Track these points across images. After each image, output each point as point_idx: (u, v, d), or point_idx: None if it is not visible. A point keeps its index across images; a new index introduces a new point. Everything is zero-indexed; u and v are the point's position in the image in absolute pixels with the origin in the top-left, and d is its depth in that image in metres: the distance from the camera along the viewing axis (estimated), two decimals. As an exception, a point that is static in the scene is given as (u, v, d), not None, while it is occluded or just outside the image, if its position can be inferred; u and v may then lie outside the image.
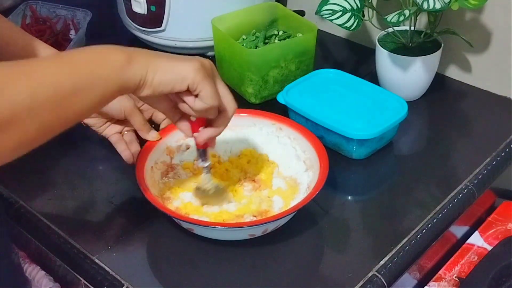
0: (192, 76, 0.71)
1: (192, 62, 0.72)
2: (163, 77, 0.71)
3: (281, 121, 0.95)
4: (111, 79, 0.69)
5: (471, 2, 0.99)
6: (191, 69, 0.71)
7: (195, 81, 0.72)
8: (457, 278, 0.92)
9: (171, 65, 0.72)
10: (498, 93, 1.14)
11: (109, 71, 0.69)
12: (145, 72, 0.70)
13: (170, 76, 0.71)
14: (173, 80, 0.72)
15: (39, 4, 1.28)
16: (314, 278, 0.82)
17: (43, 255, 0.90)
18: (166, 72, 0.71)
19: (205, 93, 0.73)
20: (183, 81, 0.72)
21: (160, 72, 0.71)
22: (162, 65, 0.71)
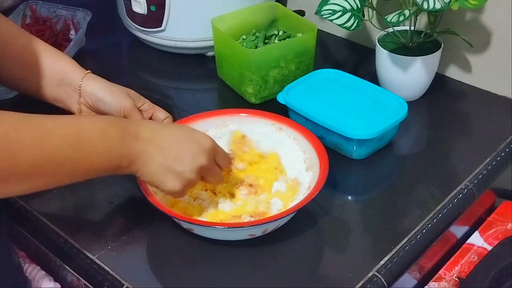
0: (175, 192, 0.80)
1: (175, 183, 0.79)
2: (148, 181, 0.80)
3: (281, 121, 0.95)
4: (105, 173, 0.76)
5: (471, 2, 0.99)
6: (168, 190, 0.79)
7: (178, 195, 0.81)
8: (457, 278, 0.92)
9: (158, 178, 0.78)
10: (498, 93, 1.14)
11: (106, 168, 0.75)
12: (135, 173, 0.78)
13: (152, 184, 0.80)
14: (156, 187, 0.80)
15: (39, 4, 1.28)
16: (314, 278, 0.82)
17: (43, 255, 0.90)
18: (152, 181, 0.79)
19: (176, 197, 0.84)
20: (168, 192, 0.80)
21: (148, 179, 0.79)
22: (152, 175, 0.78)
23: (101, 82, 0.94)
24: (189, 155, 0.79)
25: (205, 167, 0.80)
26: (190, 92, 1.21)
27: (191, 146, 0.80)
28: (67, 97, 0.95)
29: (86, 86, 0.94)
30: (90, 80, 0.94)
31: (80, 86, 0.93)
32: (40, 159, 0.68)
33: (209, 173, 0.82)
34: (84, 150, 0.72)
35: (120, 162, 0.75)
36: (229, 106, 1.01)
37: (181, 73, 1.23)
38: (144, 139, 0.77)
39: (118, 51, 1.33)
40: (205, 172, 0.81)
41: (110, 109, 0.93)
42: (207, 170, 0.81)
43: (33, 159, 0.67)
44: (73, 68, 0.94)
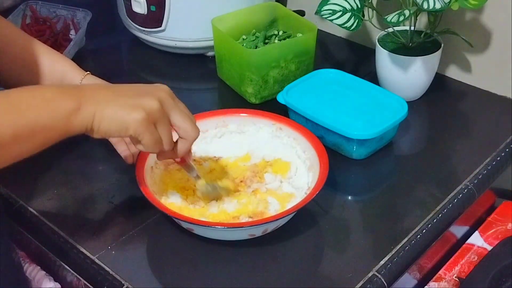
0: (134, 127, 0.73)
1: (137, 111, 0.72)
2: (108, 126, 0.73)
3: (281, 121, 0.95)
4: (55, 128, 0.71)
5: (471, 2, 0.99)
6: (134, 120, 0.72)
7: (137, 131, 0.73)
8: (457, 278, 0.92)
9: (117, 114, 0.72)
10: (498, 93, 1.14)
11: (54, 120, 0.70)
12: (91, 121, 0.72)
13: (114, 127, 0.73)
14: (117, 130, 0.73)
15: (39, 4, 1.28)
16: (314, 278, 0.82)
17: (43, 255, 0.90)
18: (111, 122, 0.72)
19: (145, 142, 0.74)
20: (126, 131, 0.73)
21: (106, 122, 0.72)
22: (108, 114, 0.72)
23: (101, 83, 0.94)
24: (146, 88, 0.76)
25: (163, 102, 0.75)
26: (190, 92, 1.21)
27: (148, 85, 0.78)
28: None
29: None
30: (90, 81, 0.94)
31: None
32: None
33: (161, 121, 0.75)
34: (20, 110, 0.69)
35: (66, 107, 0.70)
36: (229, 106, 1.01)
37: (181, 73, 1.23)
38: (92, 87, 0.75)
39: (118, 51, 1.33)
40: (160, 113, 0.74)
41: None
42: (162, 112, 0.74)
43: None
44: (72, 69, 0.94)
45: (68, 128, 0.71)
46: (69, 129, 0.72)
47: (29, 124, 0.69)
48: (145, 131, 0.73)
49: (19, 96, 0.71)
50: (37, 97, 0.71)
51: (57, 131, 0.71)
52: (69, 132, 0.72)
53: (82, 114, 0.71)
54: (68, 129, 0.72)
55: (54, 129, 0.71)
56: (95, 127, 0.72)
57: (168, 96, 0.76)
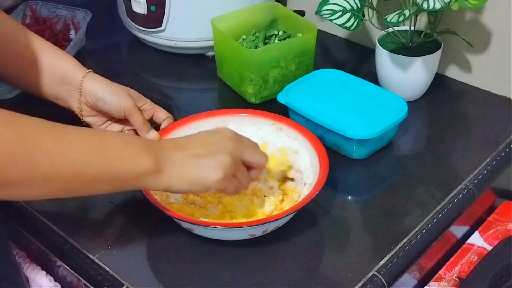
0: (215, 187, 0.76)
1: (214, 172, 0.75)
2: (189, 189, 0.76)
3: (281, 121, 0.95)
4: (132, 183, 0.73)
5: (471, 2, 0.99)
6: (213, 182, 0.76)
7: (219, 189, 0.77)
8: (457, 278, 0.92)
9: (196, 178, 0.75)
10: (498, 93, 1.14)
11: (132, 176, 0.72)
12: (169, 185, 0.75)
13: (195, 189, 0.76)
14: (199, 191, 0.78)
15: (39, 4, 1.28)
16: (314, 278, 0.82)
17: (43, 255, 0.90)
18: (192, 186, 0.76)
19: (229, 193, 0.79)
20: (208, 191, 0.77)
21: (186, 185, 0.75)
22: (187, 179, 0.75)
23: (102, 81, 0.94)
24: (214, 141, 0.77)
25: (233, 153, 0.77)
26: (190, 92, 1.21)
27: (214, 136, 0.79)
28: (68, 95, 0.95)
29: (87, 85, 0.94)
30: (91, 79, 0.94)
31: (81, 85, 0.93)
32: (59, 163, 0.66)
33: (238, 169, 0.78)
34: (107, 155, 0.70)
35: (146, 168, 0.72)
36: (229, 106, 1.01)
37: (181, 73, 1.23)
38: (169, 146, 0.76)
39: (118, 51, 1.33)
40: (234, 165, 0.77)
41: (110, 108, 0.93)
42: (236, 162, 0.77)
43: (52, 162, 0.66)
44: (74, 67, 0.94)
45: (142, 185, 0.74)
46: (144, 186, 0.75)
47: (109, 171, 0.70)
48: (227, 186, 0.77)
49: (113, 141, 0.72)
50: (123, 148, 0.72)
51: (131, 185, 0.73)
52: (143, 188, 0.76)
53: (161, 177, 0.73)
54: (143, 186, 0.74)
55: (130, 183, 0.73)
56: (174, 188, 0.75)
57: (235, 144, 0.78)
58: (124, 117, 0.94)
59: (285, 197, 0.89)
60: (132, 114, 0.93)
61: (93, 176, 0.69)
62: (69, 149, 0.67)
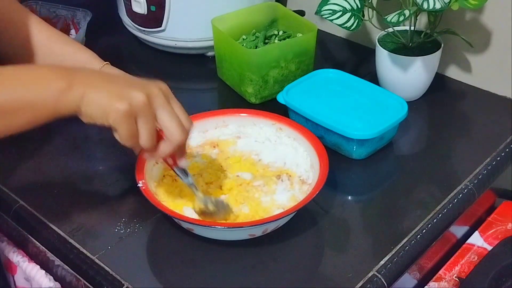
0: (113, 116, 0.71)
1: (120, 101, 0.71)
2: (92, 111, 0.72)
3: (281, 121, 0.95)
4: (44, 105, 0.71)
5: (471, 2, 0.99)
6: (114, 110, 0.71)
7: (115, 121, 0.72)
8: (457, 278, 0.92)
9: (102, 101, 0.72)
10: (498, 93, 1.14)
11: (42, 97, 0.71)
12: (79, 103, 0.71)
13: (97, 113, 0.72)
14: (99, 117, 0.72)
15: (39, 4, 1.28)
16: (314, 278, 0.82)
17: (43, 255, 0.90)
18: (95, 108, 0.72)
19: (120, 132, 0.73)
20: (107, 119, 0.72)
21: (91, 106, 0.72)
22: (94, 99, 0.72)
23: (118, 73, 0.96)
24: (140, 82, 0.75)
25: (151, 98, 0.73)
26: (190, 92, 1.21)
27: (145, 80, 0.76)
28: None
29: None
30: (107, 70, 0.95)
31: None
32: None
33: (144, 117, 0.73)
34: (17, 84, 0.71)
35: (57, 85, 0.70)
36: (229, 106, 1.01)
37: (181, 73, 1.23)
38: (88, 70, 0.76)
39: (118, 51, 1.33)
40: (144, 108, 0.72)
41: None
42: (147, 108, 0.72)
43: None
44: (92, 58, 0.96)
45: (56, 107, 0.71)
46: (58, 108, 0.72)
47: (16, 99, 0.70)
48: (123, 123, 0.72)
49: (13, 72, 0.72)
50: (30, 74, 0.72)
51: (45, 109, 0.71)
52: (58, 111, 0.72)
53: (71, 94, 0.71)
54: (57, 108, 0.72)
55: (42, 107, 0.71)
56: (82, 109, 0.72)
57: (160, 92, 0.74)
58: None
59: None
60: None
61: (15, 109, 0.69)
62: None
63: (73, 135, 1.04)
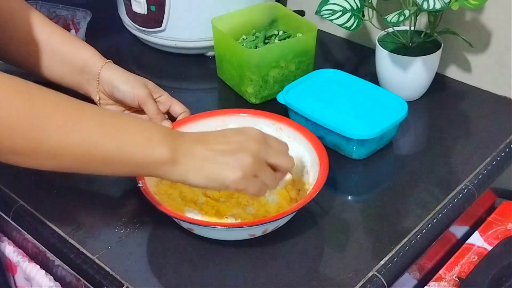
0: (234, 186, 0.74)
1: (233, 171, 0.73)
2: (205, 184, 0.74)
3: (281, 121, 0.95)
4: (146, 170, 0.72)
5: (471, 2, 0.99)
6: (232, 181, 0.73)
7: (238, 189, 0.74)
8: (457, 278, 0.92)
9: (214, 175, 0.73)
10: (498, 93, 1.14)
11: (147, 163, 0.70)
12: (185, 178, 0.73)
13: (212, 185, 0.74)
14: (216, 188, 0.75)
15: (39, 4, 1.28)
16: (314, 278, 0.82)
17: (43, 255, 0.90)
18: (209, 182, 0.73)
19: (250, 193, 0.76)
20: (227, 189, 0.75)
21: (203, 181, 0.73)
22: (205, 174, 0.73)
23: (119, 71, 0.97)
24: (237, 140, 0.75)
25: (257, 155, 0.74)
26: (190, 92, 1.21)
27: (238, 134, 0.76)
28: (88, 84, 0.98)
29: (104, 74, 0.96)
30: (109, 68, 0.96)
31: (99, 74, 0.96)
32: (68, 140, 0.66)
33: (260, 170, 0.75)
34: (120, 138, 0.69)
35: (161, 156, 0.70)
36: (229, 106, 1.01)
37: (181, 73, 1.23)
38: (189, 138, 0.74)
39: (118, 51, 1.33)
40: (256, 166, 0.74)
41: (124, 96, 0.95)
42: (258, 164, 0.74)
43: (60, 139, 0.65)
44: (94, 57, 0.97)
45: (157, 174, 0.73)
46: (159, 175, 0.73)
47: (122, 156, 0.69)
48: (246, 186, 0.74)
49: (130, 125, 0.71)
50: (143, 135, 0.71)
51: (145, 172, 0.73)
52: (158, 176, 0.74)
53: (177, 169, 0.72)
54: (158, 175, 0.73)
55: (143, 170, 0.72)
56: (190, 181, 0.73)
57: (260, 145, 0.75)
58: (138, 106, 0.95)
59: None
60: (145, 103, 0.94)
61: (102, 158, 0.68)
62: (81, 127, 0.67)
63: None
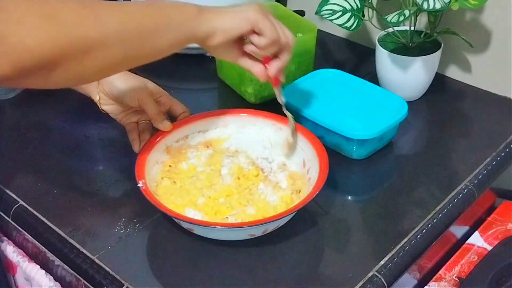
0: (253, 16, 0.81)
1: (251, 6, 0.83)
2: (231, 22, 0.81)
3: (281, 121, 0.95)
4: (185, 25, 0.78)
5: (471, 2, 0.99)
6: (252, 11, 0.82)
7: (257, 19, 0.82)
8: (457, 278, 0.92)
9: (235, 13, 0.82)
10: (498, 93, 1.14)
11: (183, 18, 0.78)
12: (214, 22, 0.80)
13: (236, 20, 0.81)
14: (238, 23, 0.82)
15: (39, 4, 1.27)
16: (314, 278, 0.82)
17: (43, 255, 0.90)
18: (232, 18, 0.82)
19: (265, 28, 0.82)
20: (248, 22, 0.81)
21: (228, 20, 0.81)
22: (227, 15, 0.81)
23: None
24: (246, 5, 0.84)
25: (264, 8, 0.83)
26: (190, 92, 1.21)
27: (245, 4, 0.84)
28: (88, 84, 0.97)
29: None
30: None
31: None
32: (124, 17, 0.72)
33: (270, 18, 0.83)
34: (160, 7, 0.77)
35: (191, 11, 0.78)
36: (229, 106, 1.01)
37: (181, 73, 1.23)
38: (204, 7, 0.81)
39: (118, 51, 1.32)
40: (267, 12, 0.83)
41: (124, 97, 0.94)
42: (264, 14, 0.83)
43: (118, 18, 0.71)
44: None
45: (194, 27, 0.79)
46: (195, 28, 0.79)
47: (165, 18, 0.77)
48: (264, 18, 0.82)
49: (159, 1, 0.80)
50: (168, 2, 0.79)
51: (185, 28, 0.78)
52: (195, 31, 0.79)
53: (205, 16, 0.79)
54: (194, 28, 0.79)
55: (184, 26, 0.78)
56: (219, 26, 0.80)
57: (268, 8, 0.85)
58: (138, 106, 0.95)
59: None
60: (145, 104, 0.94)
61: (154, 24, 0.75)
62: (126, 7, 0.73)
63: (73, 135, 1.04)
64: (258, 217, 0.84)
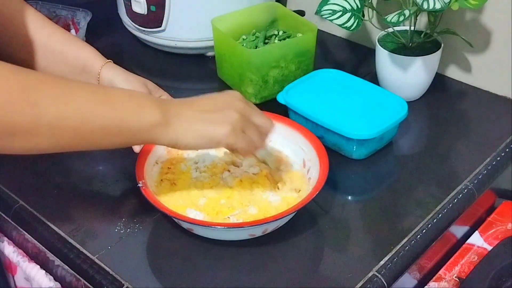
0: (225, 140, 0.76)
1: (223, 126, 0.76)
2: (197, 143, 0.76)
3: (281, 121, 0.95)
4: (139, 135, 0.73)
5: (471, 2, 0.99)
6: (223, 135, 0.76)
7: (229, 143, 0.77)
8: (457, 278, 0.92)
9: (205, 132, 0.75)
10: (498, 93, 1.14)
11: (140, 126, 0.72)
12: (176, 138, 0.74)
13: (204, 143, 0.76)
14: (207, 145, 0.77)
15: (39, 4, 1.28)
16: (314, 278, 0.82)
17: (43, 255, 0.90)
18: (200, 139, 0.76)
19: (240, 148, 0.78)
20: (218, 144, 0.77)
21: (195, 139, 0.75)
22: (197, 132, 0.75)
23: (119, 71, 0.97)
24: (222, 100, 0.78)
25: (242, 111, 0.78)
26: (190, 92, 1.20)
27: (222, 96, 0.80)
28: None
29: (104, 74, 0.96)
30: (109, 68, 0.96)
31: (99, 74, 0.95)
32: (65, 111, 0.67)
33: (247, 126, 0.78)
34: (113, 105, 0.70)
35: (154, 119, 0.72)
36: (229, 106, 1.01)
37: (181, 73, 1.23)
38: (176, 103, 0.77)
39: (118, 51, 1.33)
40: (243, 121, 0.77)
41: None
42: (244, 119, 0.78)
43: (57, 110, 0.66)
44: (94, 57, 0.97)
45: (150, 139, 0.74)
46: (151, 140, 0.74)
47: (116, 122, 0.70)
48: (236, 141, 0.77)
49: (117, 94, 0.73)
50: (128, 99, 0.72)
51: (139, 138, 0.73)
52: (151, 142, 0.75)
53: (168, 130, 0.73)
54: (151, 140, 0.74)
55: (137, 136, 0.73)
56: (181, 142, 0.75)
57: (244, 104, 0.79)
58: None
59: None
60: None
61: (100, 126, 0.69)
62: (74, 97, 0.68)
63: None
64: (260, 217, 0.84)
